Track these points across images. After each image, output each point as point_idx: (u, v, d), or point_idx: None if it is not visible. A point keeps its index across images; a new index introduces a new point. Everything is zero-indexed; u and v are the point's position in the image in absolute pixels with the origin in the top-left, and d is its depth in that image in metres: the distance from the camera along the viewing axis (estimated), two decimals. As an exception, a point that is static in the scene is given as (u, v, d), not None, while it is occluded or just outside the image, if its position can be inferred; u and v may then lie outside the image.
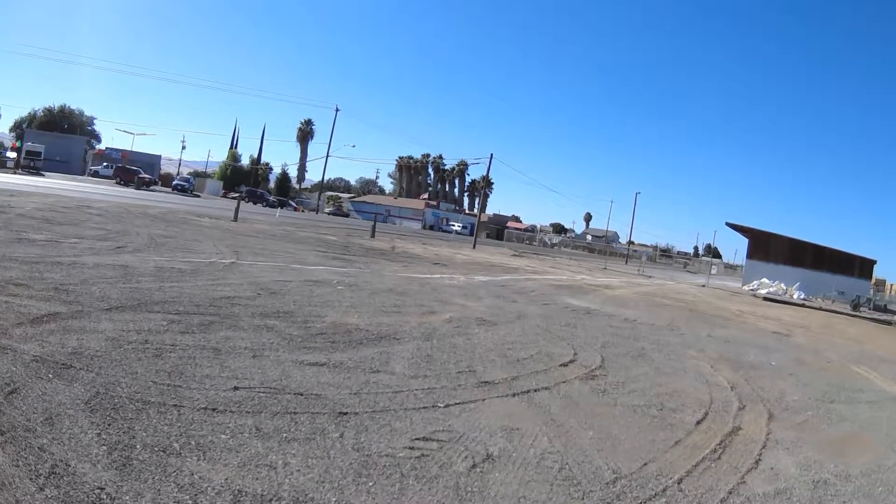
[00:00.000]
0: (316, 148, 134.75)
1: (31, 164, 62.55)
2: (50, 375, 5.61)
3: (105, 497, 3.72)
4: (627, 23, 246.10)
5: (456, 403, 6.80)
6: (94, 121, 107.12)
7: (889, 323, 34.13)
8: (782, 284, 46.29)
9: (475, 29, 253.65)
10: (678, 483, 5.49)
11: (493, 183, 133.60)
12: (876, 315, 38.51)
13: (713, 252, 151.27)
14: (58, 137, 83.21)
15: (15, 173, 51.81)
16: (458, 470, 5.07)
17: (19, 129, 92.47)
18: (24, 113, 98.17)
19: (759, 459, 6.51)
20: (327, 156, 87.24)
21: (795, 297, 43.27)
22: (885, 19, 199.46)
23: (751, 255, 53.52)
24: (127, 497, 3.77)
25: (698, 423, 7.53)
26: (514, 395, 7.50)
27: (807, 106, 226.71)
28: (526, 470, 5.27)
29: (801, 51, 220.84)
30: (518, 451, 5.68)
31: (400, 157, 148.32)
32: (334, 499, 4.22)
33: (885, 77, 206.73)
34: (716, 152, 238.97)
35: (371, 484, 4.54)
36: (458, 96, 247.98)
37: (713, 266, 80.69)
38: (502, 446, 5.74)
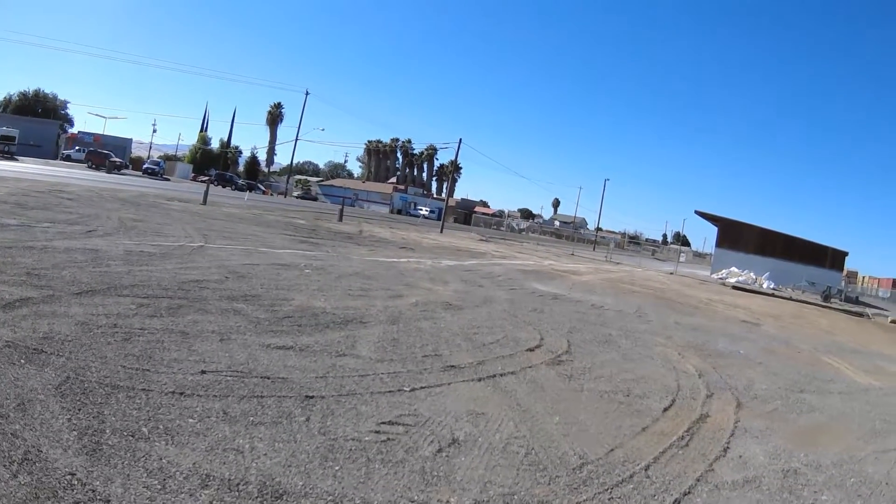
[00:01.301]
0: (285, 131, 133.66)
1: (5, 149, 61.86)
2: (22, 361, 5.63)
3: (76, 483, 3.77)
4: (595, 9, 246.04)
5: (422, 387, 6.86)
6: (68, 105, 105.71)
7: (860, 314, 34.49)
8: (752, 274, 46.48)
9: (444, 15, 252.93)
10: (645, 469, 5.56)
11: (461, 168, 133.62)
12: (847, 306, 38.87)
13: (682, 240, 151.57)
14: (32, 122, 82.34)
15: (-10, 158, 51.17)
16: (425, 454, 5.12)
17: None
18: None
19: (728, 447, 6.59)
20: (296, 139, 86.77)
21: (765, 286, 43.56)
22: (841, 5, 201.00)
23: (720, 243, 53.75)
24: (97, 482, 3.82)
25: (665, 409, 7.61)
26: (479, 379, 7.56)
27: (779, 96, 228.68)
28: (492, 455, 5.33)
29: (769, 38, 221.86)
30: (484, 436, 5.74)
31: (369, 142, 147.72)
32: (301, 483, 4.28)
33: (857, 68, 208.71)
34: (686, 141, 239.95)
35: (337, 468, 4.59)
36: (428, 82, 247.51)
37: (682, 254, 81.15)
38: (468, 431, 5.80)
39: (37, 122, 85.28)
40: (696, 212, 58.12)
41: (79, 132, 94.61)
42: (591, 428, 6.48)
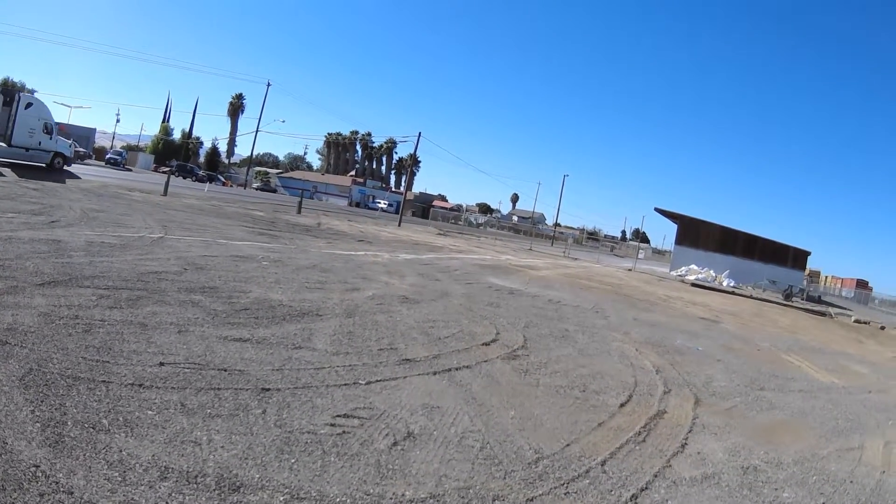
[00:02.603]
0: (246, 123, 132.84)
1: None
2: (-14, 352, 5.69)
3: (40, 475, 3.86)
4: (555, 4, 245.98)
5: (377, 381, 6.96)
6: (35, 94, 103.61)
7: (823, 314, 34.72)
8: (711, 271, 46.72)
9: (404, 9, 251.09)
10: (601, 465, 5.66)
11: (420, 161, 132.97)
12: (809, 305, 39.20)
13: (641, 237, 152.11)
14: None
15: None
16: (380, 447, 5.22)
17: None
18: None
19: (686, 444, 6.70)
20: (257, 130, 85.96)
21: (725, 284, 43.76)
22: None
23: (680, 241, 53.79)
24: (60, 474, 3.91)
25: (622, 405, 7.73)
26: (435, 373, 7.67)
27: (740, 94, 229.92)
28: (447, 448, 5.43)
29: (727, 34, 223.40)
30: (439, 430, 5.84)
31: (329, 134, 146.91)
32: (258, 475, 4.37)
33: (817, 66, 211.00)
34: (647, 137, 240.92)
35: (293, 461, 4.69)
36: (388, 75, 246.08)
37: (641, 250, 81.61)
38: (423, 424, 5.91)
39: (3, 111, 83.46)
40: (656, 209, 58.09)
41: None
42: (546, 423, 6.58)
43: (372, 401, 6.31)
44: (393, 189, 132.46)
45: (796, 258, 51.48)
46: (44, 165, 35.81)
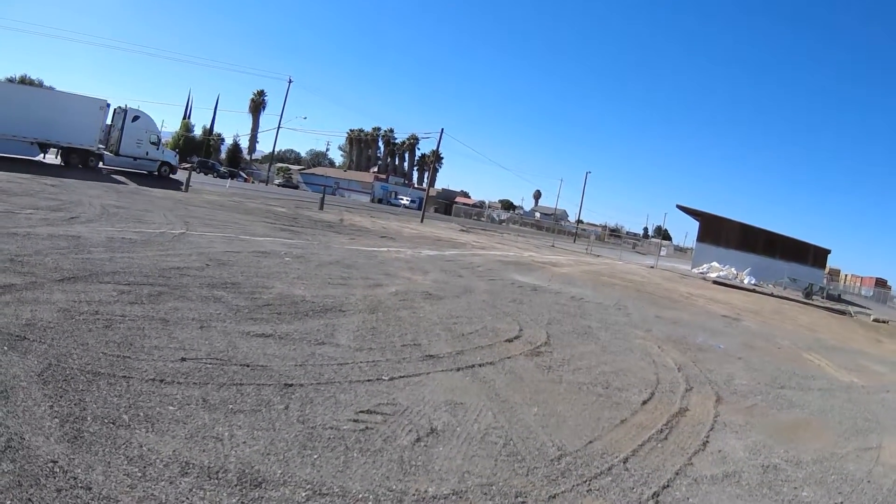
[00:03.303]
0: (268, 119, 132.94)
1: None
2: (5, 347, 5.65)
3: (58, 470, 3.80)
4: (578, 1, 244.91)
5: (400, 377, 6.90)
6: (53, 91, 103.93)
7: (842, 312, 34.32)
8: (733, 269, 46.19)
9: (427, 5, 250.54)
10: (624, 462, 5.59)
11: (442, 158, 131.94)
12: (829, 304, 38.75)
13: (663, 234, 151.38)
14: None
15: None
16: (403, 444, 5.17)
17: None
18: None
19: (707, 441, 6.61)
20: (279, 127, 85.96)
21: (746, 282, 43.27)
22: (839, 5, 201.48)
23: (701, 238, 53.16)
24: (79, 470, 3.85)
25: (644, 402, 7.64)
26: (458, 369, 7.60)
27: (763, 92, 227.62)
28: (470, 445, 5.37)
29: (751, 32, 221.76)
30: (462, 426, 5.78)
31: (350, 130, 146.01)
32: (279, 471, 4.31)
33: (840, 66, 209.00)
34: (669, 134, 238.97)
35: (316, 456, 4.64)
36: (410, 72, 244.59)
37: (663, 248, 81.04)
38: (446, 420, 5.85)
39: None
40: (678, 206, 57.48)
41: None
42: (569, 420, 6.50)
43: (395, 397, 6.26)
44: (415, 185, 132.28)
45: (816, 256, 50.96)
46: (154, 173, 39.47)
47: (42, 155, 36.28)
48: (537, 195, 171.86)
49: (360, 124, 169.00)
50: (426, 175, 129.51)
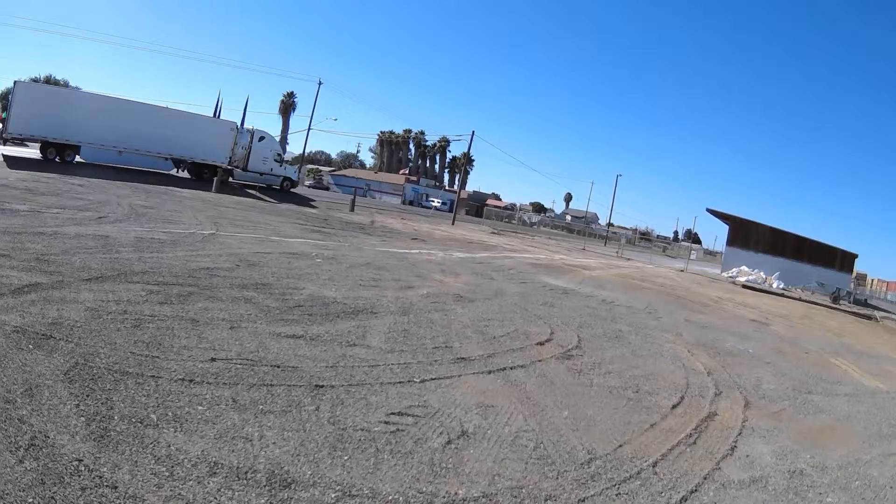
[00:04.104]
0: (298, 121, 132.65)
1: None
2: (30, 346, 5.62)
3: (83, 469, 3.75)
4: (611, 4, 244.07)
5: (432, 379, 6.85)
6: (79, 89, 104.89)
7: (869, 317, 33.84)
8: (762, 273, 45.72)
9: (459, 7, 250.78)
10: (653, 466, 5.53)
11: (473, 160, 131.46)
12: (856, 309, 38.24)
13: (693, 237, 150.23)
14: None
15: (4, 145, 50.77)
16: (433, 446, 5.12)
17: (5, 100, 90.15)
18: (9, 84, 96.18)
19: (735, 446, 6.55)
20: (309, 128, 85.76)
21: (774, 286, 42.91)
22: (871, 11, 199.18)
23: (731, 242, 52.58)
24: (104, 469, 3.80)
25: (674, 407, 7.58)
26: (489, 372, 7.54)
27: (793, 97, 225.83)
28: (501, 447, 5.32)
29: (786, 37, 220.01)
30: (493, 429, 5.72)
31: (381, 132, 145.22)
32: (309, 472, 4.26)
33: (874, 70, 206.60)
34: (699, 138, 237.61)
35: (346, 458, 4.59)
36: (441, 74, 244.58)
37: (692, 251, 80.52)
38: (477, 423, 5.79)
39: None
40: (708, 210, 57.23)
41: None
42: (599, 423, 6.46)
43: (426, 399, 6.21)
44: (446, 188, 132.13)
45: (844, 260, 50.24)
46: (276, 187, 46.28)
47: (175, 169, 42.31)
48: (568, 198, 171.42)
49: (390, 126, 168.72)
50: (457, 177, 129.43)
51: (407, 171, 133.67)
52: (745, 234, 51.40)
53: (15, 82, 35.49)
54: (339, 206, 44.30)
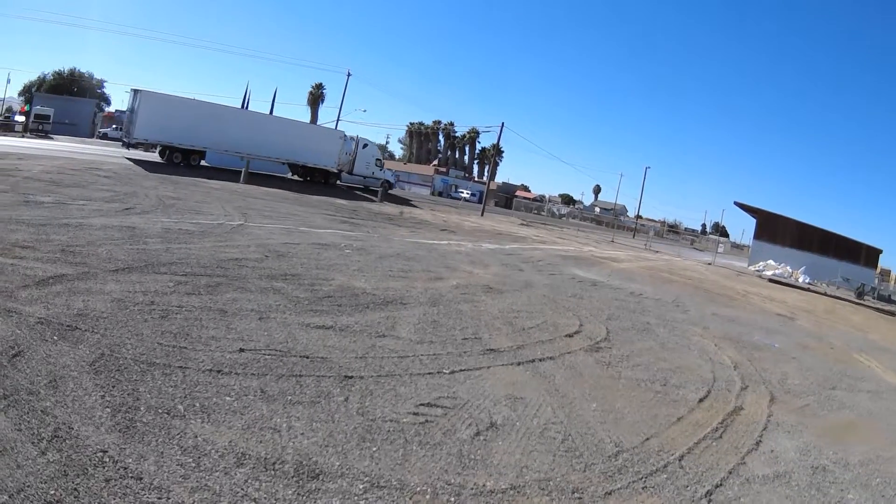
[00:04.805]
0: (326, 112, 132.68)
1: (39, 128, 60.85)
2: (55, 337, 5.60)
3: (108, 460, 3.73)
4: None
5: (461, 370, 6.84)
6: (104, 84, 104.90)
7: (893, 313, 33.45)
8: (788, 267, 45.54)
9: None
10: (679, 460, 5.54)
11: (503, 151, 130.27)
12: (880, 304, 37.95)
13: (721, 230, 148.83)
14: (67, 101, 79.94)
15: (23, 136, 51.27)
16: (462, 437, 5.11)
17: (28, 93, 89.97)
18: (33, 77, 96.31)
19: (760, 441, 6.56)
20: (338, 119, 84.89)
21: (800, 280, 42.60)
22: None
23: (758, 235, 52.56)
24: (130, 460, 3.78)
25: (701, 400, 7.57)
26: (518, 363, 7.51)
27: (822, 91, 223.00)
28: (529, 439, 5.31)
29: (816, 32, 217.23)
30: (522, 421, 5.72)
31: (410, 123, 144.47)
32: (338, 463, 4.25)
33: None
34: (728, 131, 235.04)
35: (375, 449, 4.58)
36: (470, 65, 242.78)
37: (720, 244, 79.79)
38: (506, 415, 5.78)
39: (72, 100, 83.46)
40: (736, 203, 57.01)
41: (116, 111, 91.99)
42: (627, 416, 6.48)
43: (455, 390, 6.21)
44: (475, 179, 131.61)
45: (868, 256, 49.87)
46: (377, 189, 49.60)
47: (290, 173, 47.33)
48: (597, 190, 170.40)
49: (419, 117, 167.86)
50: (486, 168, 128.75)
51: (436, 163, 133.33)
52: (773, 228, 51.14)
53: (136, 91, 38.60)
54: (368, 197, 44.27)
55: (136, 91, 38.44)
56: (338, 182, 49.23)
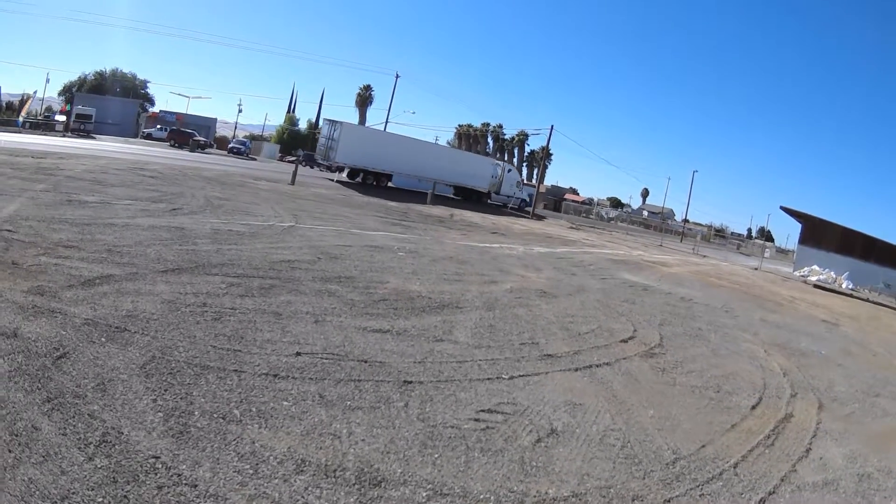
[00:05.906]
0: (375, 114, 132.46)
1: (80, 127, 61.62)
2: (102, 339, 5.51)
3: (160, 466, 3.65)
4: (688, 3, 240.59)
5: (520, 375, 6.75)
6: (148, 84, 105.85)
7: (934, 320, 33.09)
8: (832, 273, 45.07)
9: (536, 1, 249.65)
10: (734, 467, 5.53)
11: (552, 154, 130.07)
12: (921, 311, 37.47)
13: (766, 235, 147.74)
14: (109, 100, 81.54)
15: (64, 136, 52.01)
16: (524, 444, 5.04)
17: (68, 92, 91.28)
18: (73, 77, 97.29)
19: (810, 449, 6.54)
20: (386, 121, 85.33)
21: (844, 286, 42.20)
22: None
23: (803, 241, 51.47)
24: (184, 466, 3.70)
25: (753, 407, 7.52)
26: (576, 369, 7.45)
27: (868, 98, 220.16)
28: (589, 446, 5.27)
29: (866, 38, 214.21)
30: (581, 427, 5.68)
31: (459, 125, 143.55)
32: (400, 470, 4.18)
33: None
34: (775, 135, 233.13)
35: (437, 456, 4.51)
36: (518, 67, 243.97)
37: (766, 249, 79.20)
38: (566, 421, 5.74)
39: (115, 100, 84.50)
40: (782, 207, 56.20)
41: (160, 111, 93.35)
42: (683, 423, 6.47)
43: (515, 396, 6.14)
44: (525, 181, 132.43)
45: (910, 261, 48.98)
46: (514, 208, 59.26)
47: (452, 193, 54.61)
48: (645, 193, 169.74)
49: (468, 119, 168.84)
50: (535, 171, 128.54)
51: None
52: (818, 234, 50.39)
53: (334, 121, 47.00)
54: (419, 198, 44.17)
55: (333, 122, 46.63)
56: (488, 201, 56.75)
